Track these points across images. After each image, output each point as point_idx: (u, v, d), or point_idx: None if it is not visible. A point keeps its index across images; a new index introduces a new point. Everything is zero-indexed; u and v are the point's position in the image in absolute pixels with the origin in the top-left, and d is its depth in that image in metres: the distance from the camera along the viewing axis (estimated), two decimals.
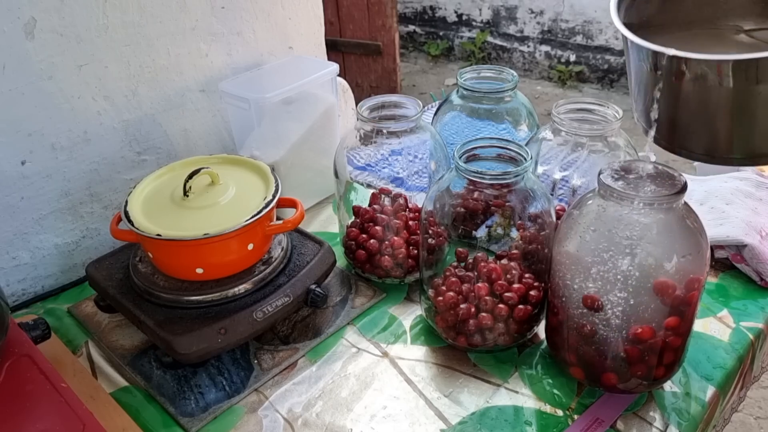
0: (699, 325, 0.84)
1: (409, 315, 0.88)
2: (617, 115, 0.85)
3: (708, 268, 0.69)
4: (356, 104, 0.92)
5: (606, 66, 4.04)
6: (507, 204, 0.75)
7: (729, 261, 0.94)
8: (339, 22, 3.47)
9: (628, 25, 0.61)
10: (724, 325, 0.85)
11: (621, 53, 3.89)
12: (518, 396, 0.75)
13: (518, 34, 4.32)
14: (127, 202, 0.80)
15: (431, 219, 0.78)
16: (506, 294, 0.77)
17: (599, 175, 0.68)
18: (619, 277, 0.66)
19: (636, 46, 0.59)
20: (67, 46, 0.88)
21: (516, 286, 0.77)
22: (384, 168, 0.96)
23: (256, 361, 0.81)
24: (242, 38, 1.10)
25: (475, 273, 0.78)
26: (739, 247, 0.91)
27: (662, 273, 0.66)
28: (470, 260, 0.80)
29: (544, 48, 4.25)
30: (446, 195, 0.77)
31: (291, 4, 1.15)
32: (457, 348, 0.82)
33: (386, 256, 0.90)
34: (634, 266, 0.65)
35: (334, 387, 0.78)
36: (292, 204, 0.86)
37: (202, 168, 0.81)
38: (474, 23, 4.50)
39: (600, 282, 0.68)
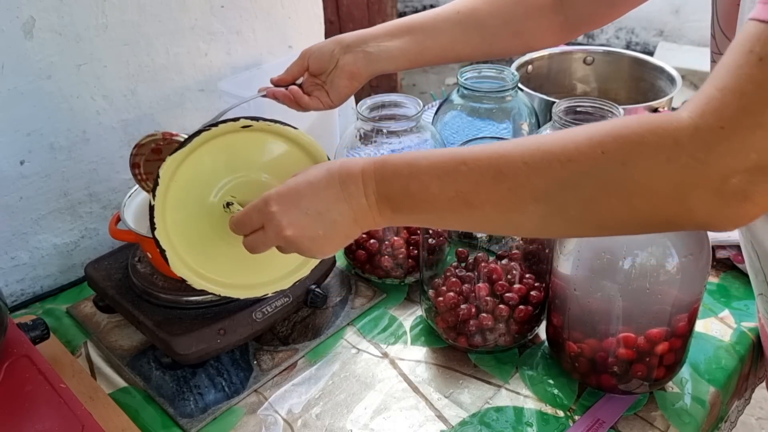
0: (700, 326, 0.84)
1: (410, 315, 0.88)
2: (618, 114, 0.85)
3: (710, 269, 0.68)
4: (356, 104, 0.91)
5: None
6: None
7: (730, 261, 0.93)
8: (339, 22, 3.46)
9: None
10: (726, 325, 0.85)
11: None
12: (519, 397, 0.75)
13: None
14: (125, 202, 0.80)
15: None
16: (507, 294, 0.77)
17: None
18: (620, 278, 0.66)
19: None
20: (65, 46, 0.88)
21: (517, 286, 0.77)
22: None
23: (255, 362, 0.81)
24: (242, 37, 1.09)
25: (476, 273, 0.78)
26: (740, 247, 0.91)
27: (663, 273, 0.65)
28: (471, 260, 0.80)
29: None
30: None
31: (291, 3, 1.15)
32: (458, 349, 0.81)
33: (386, 257, 0.89)
34: (635, 267, 0.65)
35: (333, 388, 0.77)
36: None
37: None
38: None
39: (601, 283, 0.67)
